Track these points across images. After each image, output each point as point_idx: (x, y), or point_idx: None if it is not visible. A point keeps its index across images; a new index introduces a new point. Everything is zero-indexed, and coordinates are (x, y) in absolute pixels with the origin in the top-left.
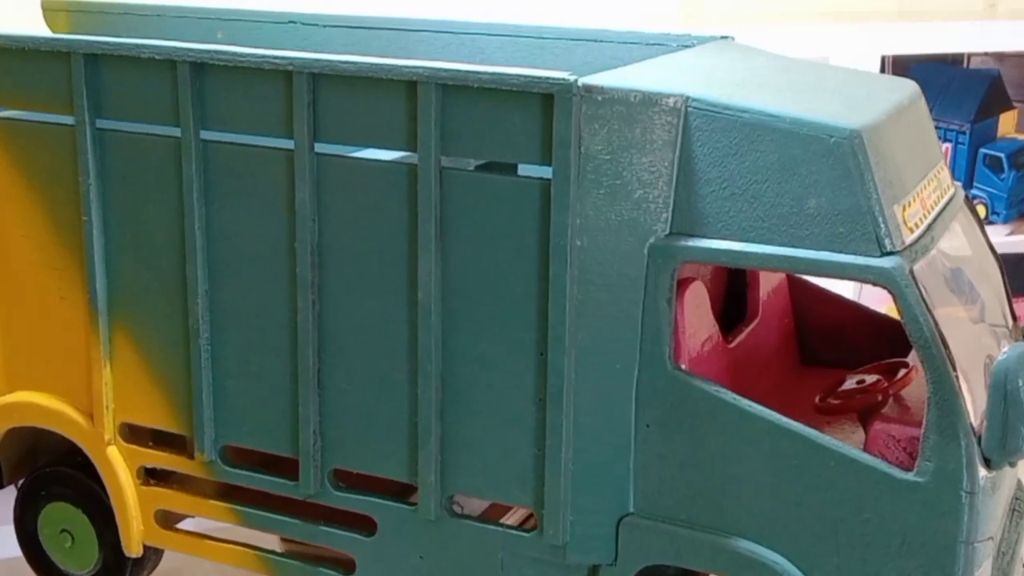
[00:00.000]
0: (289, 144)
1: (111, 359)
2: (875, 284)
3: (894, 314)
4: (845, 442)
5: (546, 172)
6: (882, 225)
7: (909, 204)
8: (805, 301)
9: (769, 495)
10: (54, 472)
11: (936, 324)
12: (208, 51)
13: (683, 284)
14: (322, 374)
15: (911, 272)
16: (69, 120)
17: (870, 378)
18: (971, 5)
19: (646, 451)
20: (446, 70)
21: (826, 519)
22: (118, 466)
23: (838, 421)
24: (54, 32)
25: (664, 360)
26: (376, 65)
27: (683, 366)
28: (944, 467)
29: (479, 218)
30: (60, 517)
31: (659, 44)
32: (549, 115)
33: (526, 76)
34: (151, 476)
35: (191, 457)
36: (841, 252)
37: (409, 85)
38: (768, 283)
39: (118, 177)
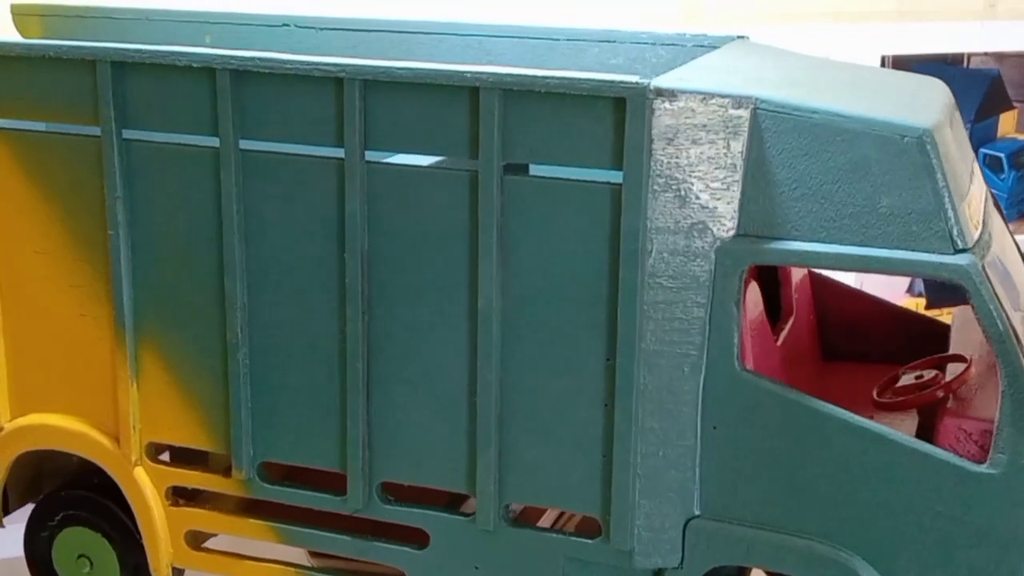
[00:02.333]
0: (339, 152)
1: (138, 377)
2: (949, 281)
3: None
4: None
5: (612, 176)
6: (954, 223)
7: (971, 202)
8: (826, 297)
9: (840, 492)
10: (69, 496)
11: (1009, 319)
12: (251, 58)
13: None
14: (371, 386)
15: (983, 268)
16: (92, 131)
17: (928, 373)
18: (971, 5)
19: (712, 453)
20: (511, 75)
21: (898, 514)
22: (146, 487)
23: (880, 414)
24: (26, 38)
25: (732, 362)
26: (436, 71)
27: (749, 367)
28: (1017, 459)
29: (543, 224)
30: (77, 542)
31: (674, 44)
32: (621, 119)
33: (597, 80)
34: (179, 496)
35: (226, 475)
36: (914, 250)
37: (471, 91)
38: (794, 280)
39: (146, 189)
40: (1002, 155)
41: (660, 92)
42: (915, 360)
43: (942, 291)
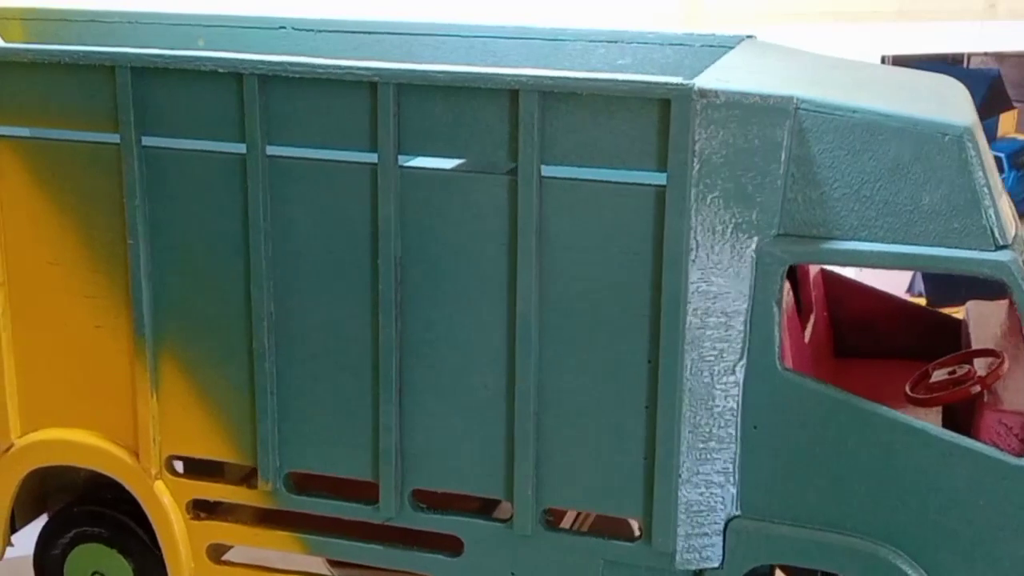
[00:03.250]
0: (369, 157)
1: (157, 389)
2: (990, 278)
3: None
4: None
5: (654, 178)
6: (994, 220)
7: (1006, 201)
8: (836, 293)
9: (882, 488)
10: (82, 512)
11: None
12: (280, 63)
13: None
14: (404, 393)
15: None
16: (110, 138)
17: (960, 369)
18: (971, 5)
19: (753, 453)
20: (551, 77)
21: (940, 508)
22: (166, 501)
23: (905, 410)
24: (7, 42)
25: (774, 361)
26: (474, 74)
27: (788, 366)
28: None
29: (584, 226)
30: (91, 559)
31: (682, 44)
32: (665, 121)
33: (640, 82)
34: (200, 509)
35: (249, 486)
36: (956, 247)
37: (510, 94)
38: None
39: (167, 197)
40: (1002, 155)
41: (704, 93)
42: (923, 354)
43: (943, 289)
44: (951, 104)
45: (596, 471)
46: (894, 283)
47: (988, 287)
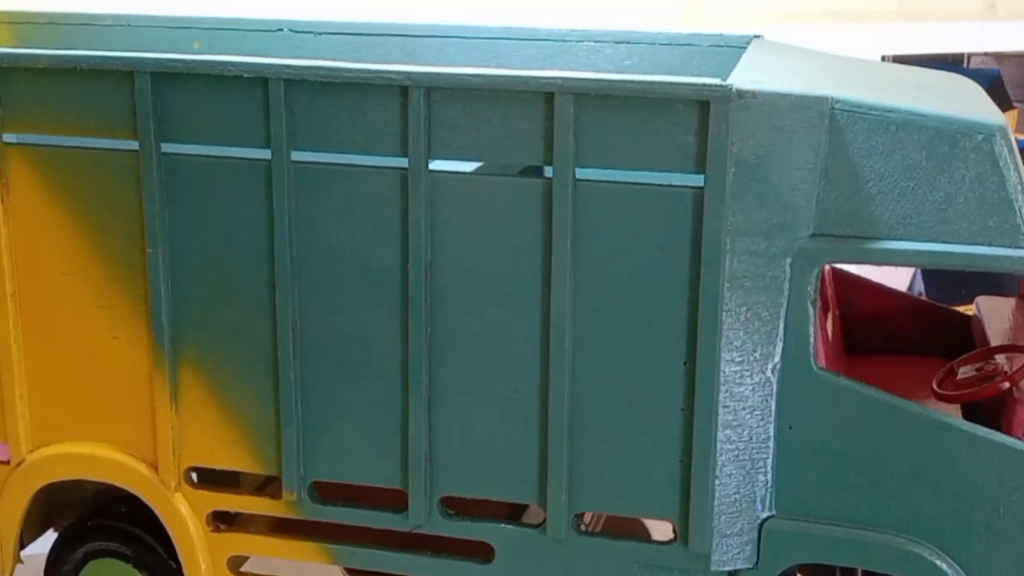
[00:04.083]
0: (400, 162)
1: (177, 399)
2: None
3: None
4: None
5: (691, 179)
6: None
7: None
8: (847, 290)
9: (917, 485)
10: (96, 526)
11: None
12: (308, 67)
13: None
14: (433, 398)
15: None
16: (128, 145)
17: (988, 365)
18: (971, 5)
19: (788, 453)
20: (587, 80)
21: (975, 505)
22: (187, 514)
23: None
24: None
25: (809, 361)
26: (509, 77)
27: (823, 366)
28: None
29: (619, 229)
30: (105, 574)
31: (689, 45)
32: (704, 122)
33: (678, 83)
34: (220, 520)
35: (271, 496)
36: (990, 245)
37: (546, 96)
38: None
39: (187, 205)
40: None
41: (741, 94)
42: (932, 350)
43: (943, 287)
44: (977, 103)
45: (631, 474)
46: (894, 282)
47: (990, 284)
